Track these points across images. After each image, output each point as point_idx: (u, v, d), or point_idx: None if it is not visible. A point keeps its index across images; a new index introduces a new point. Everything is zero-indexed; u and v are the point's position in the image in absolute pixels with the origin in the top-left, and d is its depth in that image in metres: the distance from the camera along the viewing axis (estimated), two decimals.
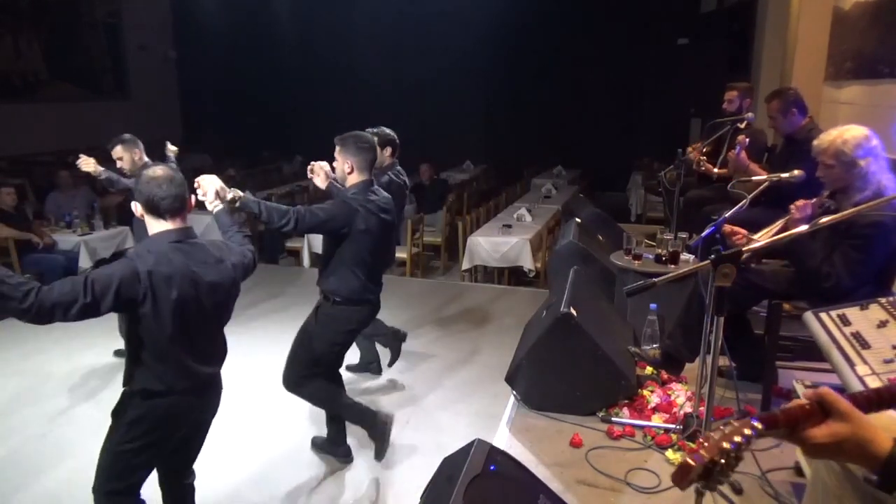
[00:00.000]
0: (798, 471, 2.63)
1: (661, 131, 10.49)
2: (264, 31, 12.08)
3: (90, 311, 1.97)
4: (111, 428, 2.25)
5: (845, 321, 2.25)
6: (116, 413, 2.25)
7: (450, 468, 2.20)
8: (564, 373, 3.24)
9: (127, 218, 6.83)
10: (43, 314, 1.90)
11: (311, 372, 3.19)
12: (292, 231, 3.01)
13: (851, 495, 1.49)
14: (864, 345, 2.08)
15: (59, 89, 9.86)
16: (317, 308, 3.23)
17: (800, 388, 2.56)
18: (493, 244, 6.14)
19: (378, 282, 3.24)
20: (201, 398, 2.31)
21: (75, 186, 7.09)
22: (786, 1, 6.67)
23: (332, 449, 3.39)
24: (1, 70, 9.04)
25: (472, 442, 2.24)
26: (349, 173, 3.07)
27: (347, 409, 3.28)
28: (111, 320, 2.84)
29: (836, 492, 1.54)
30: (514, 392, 3.40)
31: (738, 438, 1.03)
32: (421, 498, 2.23)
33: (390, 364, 4.30)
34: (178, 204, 2.19)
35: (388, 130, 4.18)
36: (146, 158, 4.25)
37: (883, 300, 2.27)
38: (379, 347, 4.39)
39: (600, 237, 5.47)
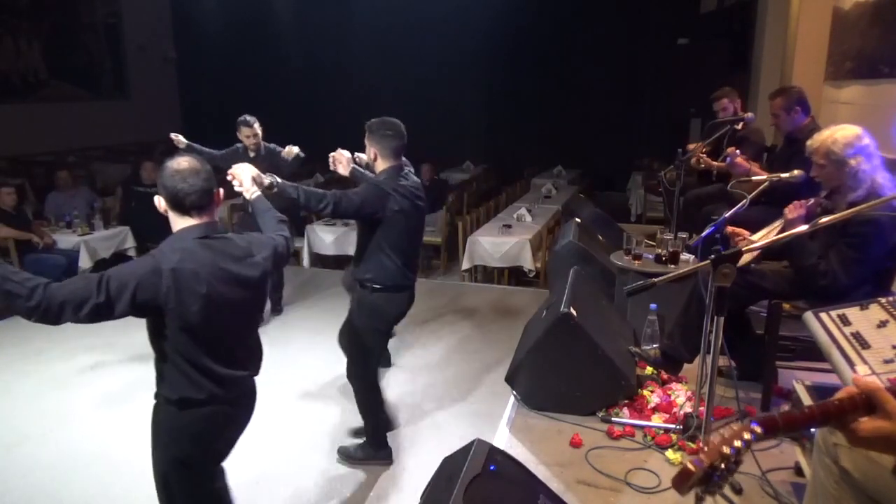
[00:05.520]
0: (798, 471, 2.63)
1: (661, 131, 10.49)
2: (264, 31, 12.07)
3: (103, 312, 1.80)
4: (152, 446, 2.11)
5: (845, 321, 2.25)
6: (154, 427, 2.10)
7: (450, 468, 2.20)
8: (564, 373, 3.24)
9: (126, 218, 6.86)
10: (51, 313, 1.74)
11: (366, 363, 3.21)
12: (330, 214, 3.03)
13: (849, 497, 1.50)
14: (864, 345, 2.08)
15: (58, 89, 9.85)
16: (356, 299, 3.19)
17: (800, 388, 2.56)
18: (493, 244, 6.13)
19: (414, 268, 3.20)
20: (236, 408, 2.14)
21: (75, 186, 7.09)
22: (786, 1, 6.67)
23: (371, 453, 3.31)
24: (1, 70, 9.04)
25: (472, 442, 2.24)
26: (374, 160, 3.08)
27: (373, 416, 3.27)
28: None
29: (835, 493, 1.54)
30: (514, 392, 3.40)
31: (737, 443, 1.03)
32: (421, 498, 2.23)
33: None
34: (206, 199, 2.01)
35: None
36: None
37: (883, 300, 2.27)
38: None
39: (600, 237, 5.47)
